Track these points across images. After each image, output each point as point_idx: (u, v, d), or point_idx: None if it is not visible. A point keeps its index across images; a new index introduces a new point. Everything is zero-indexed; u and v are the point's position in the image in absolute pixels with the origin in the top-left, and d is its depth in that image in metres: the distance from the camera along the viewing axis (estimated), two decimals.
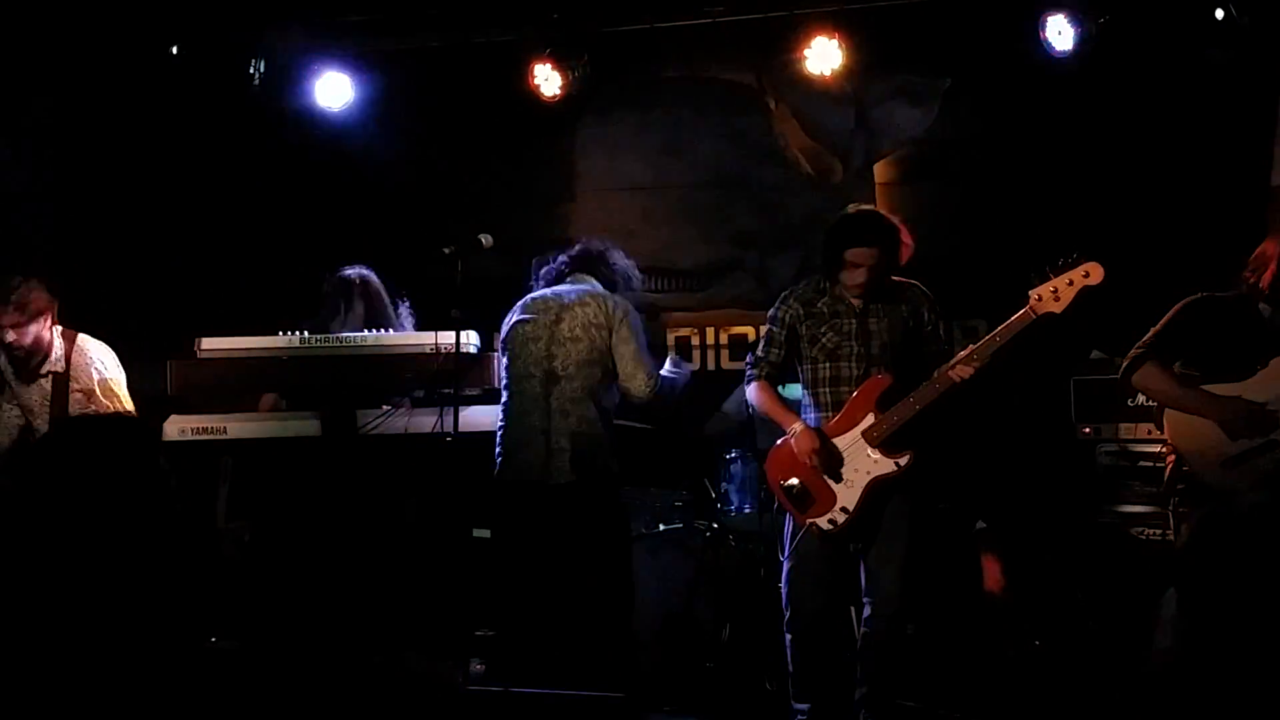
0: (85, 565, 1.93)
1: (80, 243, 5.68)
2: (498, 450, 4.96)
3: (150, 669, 1.72)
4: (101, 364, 5.23)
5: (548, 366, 4.85)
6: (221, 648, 5.83)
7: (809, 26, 6.20)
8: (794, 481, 4.58)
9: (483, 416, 5.08)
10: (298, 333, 5.16)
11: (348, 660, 5.25)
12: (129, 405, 5.29)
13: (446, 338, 4.86)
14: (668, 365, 5.17)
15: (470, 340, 5.03)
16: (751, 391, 4.77)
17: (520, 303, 5.06)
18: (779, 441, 4.68)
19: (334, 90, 6.69)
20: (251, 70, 6.52)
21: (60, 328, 5.20)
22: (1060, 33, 5.87)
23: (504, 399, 4.99)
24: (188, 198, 7.11)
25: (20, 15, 6.39)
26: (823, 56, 6.19)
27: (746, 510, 5.60)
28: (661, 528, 5.78)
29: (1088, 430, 5.70)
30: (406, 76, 6.86)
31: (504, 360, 5.00)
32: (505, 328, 5.05)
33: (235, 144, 6.90)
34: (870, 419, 4.50)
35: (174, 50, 6.52)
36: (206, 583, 5.92)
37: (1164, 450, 4.47)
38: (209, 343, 5.07)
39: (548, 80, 6.52)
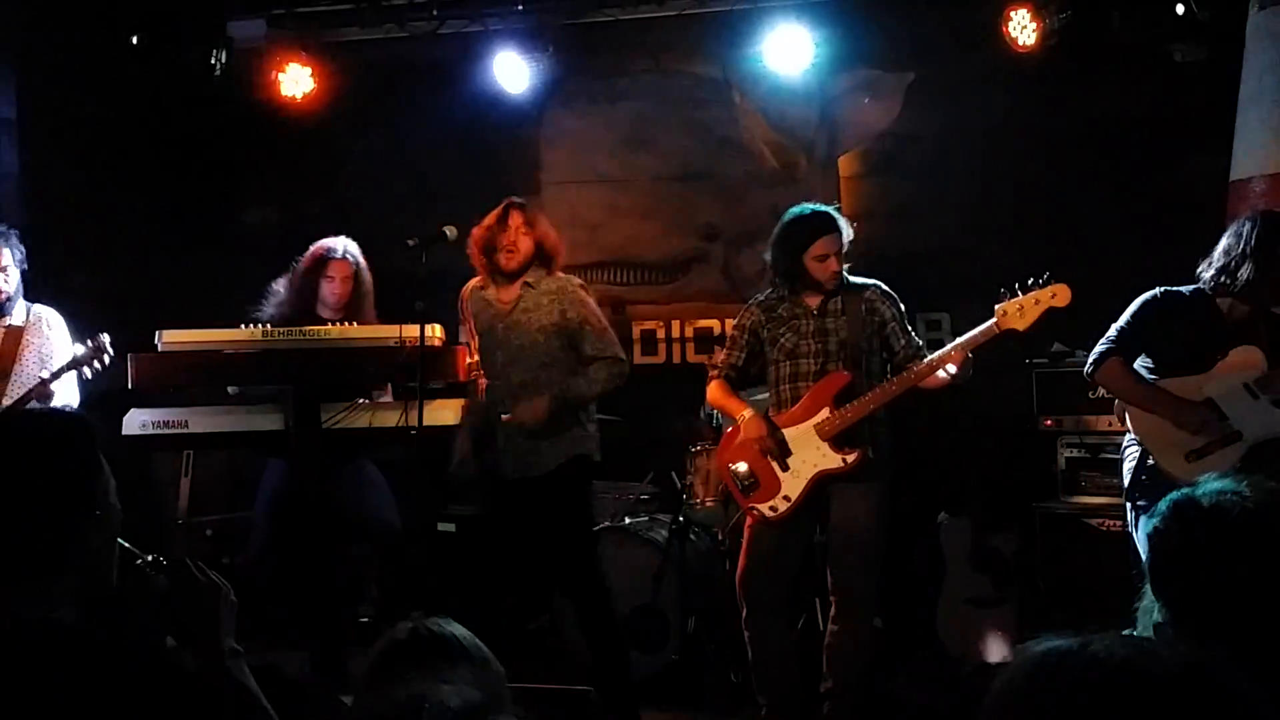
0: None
1: (42, 233, 5.61)
2: None
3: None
4: (59, 329, 5.36)
5: None
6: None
7: (774, 21, 6.21)
8: (742, 467, 4.65)
9: (447, 411, 5.04)
10: (260, 325, 5.10)
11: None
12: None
13: (411, 330, 4.83)
14: None
15: (435, 333, 4.99)
16: (709, 390, 4.87)
17: None
18: (730, 429, 4.77)
19: (298, 80, 6.64)
20: (213, 60, 6.46)
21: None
22: (1023, 27, 5.89)
23: None
24: (148, 188, 7.04)
25: None
26: (788, 50, 6.20)
27: (710, 503, 5.61)
28: (627, 520, 5.79)
29: (1049, 422, 5.73)
30: (371, 67, 6.81)
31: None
32: None
33: (197, 133, 6.83)
34: (825, 414, 4.55)
35: (134, 40, 6.45)
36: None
37: (1129, 442, 4.48)
38: (170, 335, 5.00)
39: (513, 72, 6.50)
